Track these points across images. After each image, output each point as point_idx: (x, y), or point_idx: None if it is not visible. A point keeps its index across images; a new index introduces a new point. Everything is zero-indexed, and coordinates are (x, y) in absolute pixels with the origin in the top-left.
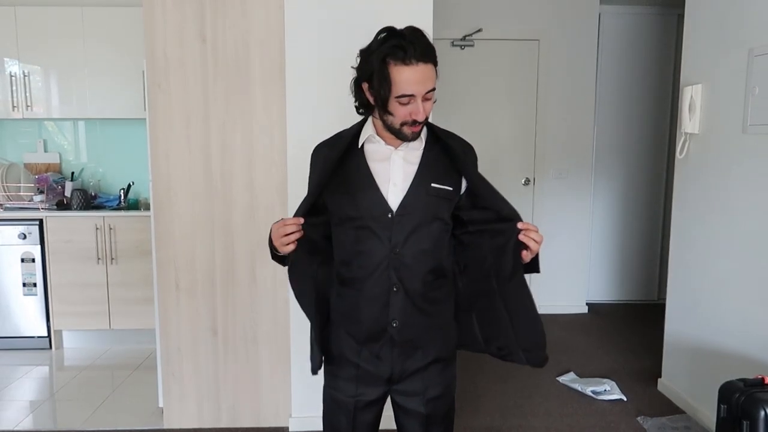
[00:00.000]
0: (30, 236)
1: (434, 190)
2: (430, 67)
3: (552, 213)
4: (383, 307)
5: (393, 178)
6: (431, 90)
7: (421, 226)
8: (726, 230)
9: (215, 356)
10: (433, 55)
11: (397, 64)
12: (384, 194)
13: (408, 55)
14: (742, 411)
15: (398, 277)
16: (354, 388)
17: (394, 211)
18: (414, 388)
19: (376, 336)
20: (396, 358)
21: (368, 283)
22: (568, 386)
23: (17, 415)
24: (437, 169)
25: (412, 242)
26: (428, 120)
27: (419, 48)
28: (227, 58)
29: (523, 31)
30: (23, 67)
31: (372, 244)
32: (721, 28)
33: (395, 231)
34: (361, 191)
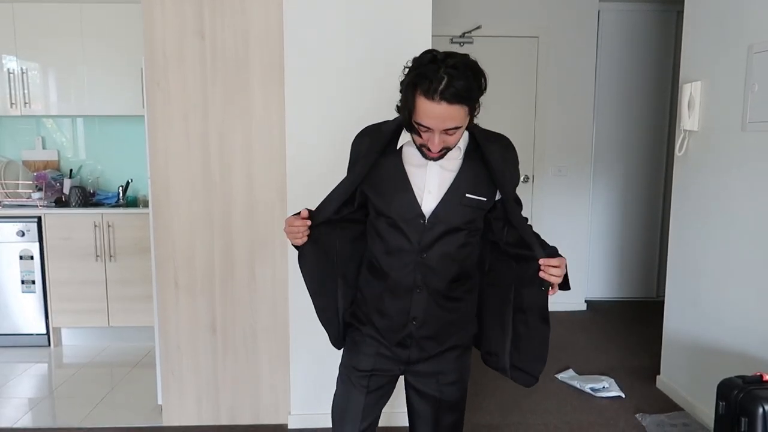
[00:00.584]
0: (28, 233)
1: (468, 200)
2: (457, 108)
3: (551, 210)
4: (406, 304)
5: (428, 185)
6: (454, 128)
7: (450, 233)
8: (725, 227)
9: (214, 354)
10: (466, 97)
11: (421, 93)
12: (419, 200)
13: (432, 90)
14: (741, 408)
15: (423, 278)
16: (372, 363)
17: (427, 217)
18: (429, 370)
19: (397, 328)
20: (414, 347)
21: (394, 278)
22: (567, 383)
23: (16, 412)
24: (474, 179)
25: (439, 247)
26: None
27: (451, 89)
28: (226, 56)
29: (522, 28)
30: (21, 64)
31: (401, 244)
32: (721, 24)
33: (425, 236)
34: (396, 193)
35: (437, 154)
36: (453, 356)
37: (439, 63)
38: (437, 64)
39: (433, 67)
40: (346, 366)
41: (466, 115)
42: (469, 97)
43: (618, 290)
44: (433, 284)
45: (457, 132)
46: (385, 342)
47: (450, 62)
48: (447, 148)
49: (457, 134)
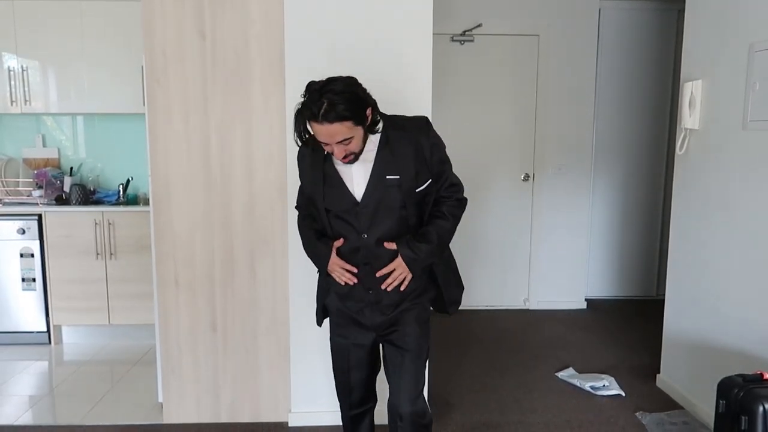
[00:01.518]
0: (29, 231)
1: (389, 180)
2: (338, 125)
3: (551, 209)
4: (361, 279)
5: (355, 177)
6: (344, 140)
7: (380, 212)
8: (725, 226)
9: (214, 352)
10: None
11: (308, 118)
12: (351, 191)
13: (314, 115)
14: (741, 406)
15: (368, 255)
16: (351, 333)
17: (359, 202)
18: (395, 336)
19: (358, 299)
20: (373, 312)
21: (347, 258)
22: (567, 382)
23: (16, 410)
24: (390, 162)
25: (375, 227)
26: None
27: (332, 112)
28: (226, 54)
29: (523, 26)
30: (22, 62)
31: (346, 230)
32: (722, 23)
33: (361, 219)
34: (332, 189)
35: (346, 160)
36: (410, 316)
37: (320, 91)
38: (319, 92)
39: (316, 95)
40: (332, 340)
41: (354, 126)
42: (349, 115)
43: (618, 289)
44: (376, 260)
45: (353, 141)
46: (351, 313)
47: (328, 88)
48: (353, 153)
49: (354, 142)
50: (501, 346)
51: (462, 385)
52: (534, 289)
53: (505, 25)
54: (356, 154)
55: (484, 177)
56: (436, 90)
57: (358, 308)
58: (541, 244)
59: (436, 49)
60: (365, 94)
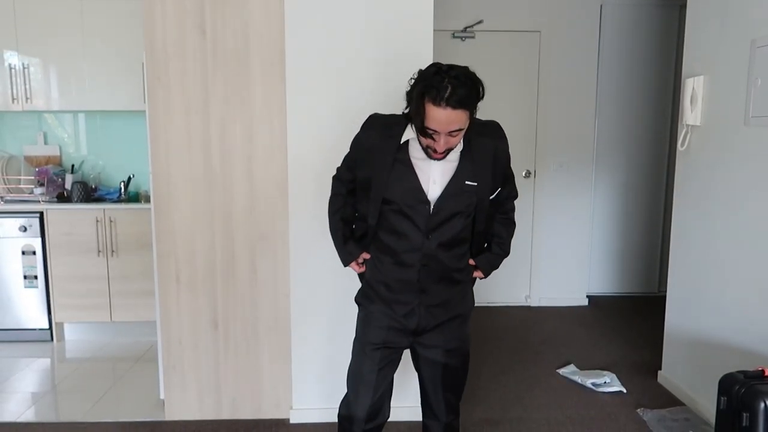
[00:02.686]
0: (30, 229)
1: (468, 186)
2: (460, 113)
3: (553, 205)
4: (415, 280)
5: (433, 176)
6: (457, 130)
7: (452, 217)
8: (727, 222)
9: (216, 348)
10: (469, 103)
11: (429, 101)
12: (425, 189)
13: (440, 98)
14: (742, 403)
15: (428, 257)
16: (383, 336)
17: (432, 204)
18: (435, 341)
19: (407, 301)
20: (423, 314)
21: (402, 257)
22: (569, 378)
23: (19, 407)
24: (470, 168)
25: (443, 230)
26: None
27: (455, 95)
28: (227, 50)
29: (524, 22)
30: (23, 59)
31: (408, 228)
32: (723, 19)
33: (431, 221)
34: (402, 182)
35: (441, 155)
36: (455, 325)
37: (443, 74)
38: (441, 75)
39: (438, 78)
40: (359, 340)
41: (467, 118)
42: (469, 103)
43: (619, 285)
44: (436, 262)
45: (460, 134)
46: (395, 315)
47: (452, 73)
48: (450, 149)
49: (459, 136)
50: (502, 342)
51: None
52: (535, 285)
53: (506, 21)
54: (450, 150)
55: None
56: None
57: (406, 311)
58: (543, 240)
59: (437, 45)
60: (482, 87)
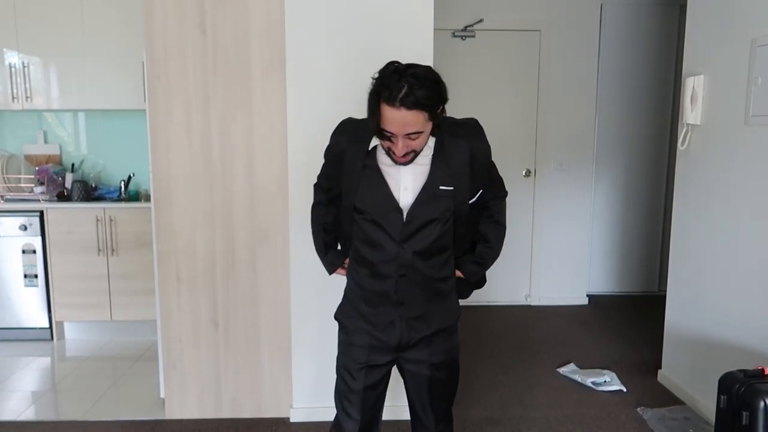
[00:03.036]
0: (31, 228)
1: (442, 191)
2: (417, 114)
3: (553, 204)
4: (392, 292)
5: (404, 182)
6: (414, 133)
7: (427, 225)
8: (727, 221)
9: (216, 347)
10: (427, 104)
11: (383, 101)
12: (396, 197)
13: (393, 98)
14: (742, 402)
15: (405, 267)
16: (366, 355)
17: (405, 212)
18: (419, 356)
19: (385, 314)
20: (404, 329)
21: (378, 267)
22: (569, 377)
23: (19, 405)
24: (445, 172)
25: (419, 238)
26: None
27: (411, 96)
28: (227, 49)
29: (524, 21)
30: (23, 58)
31: (382, 238)
32: (724, 18)
33: (405, 229)
34: (372, 190)
35: (403, 159)
36: (440, 339)
37: (400, 73)
38: (398, 74)
39: (395, 77)
40: (342, 360)
41: (427, 120)
42: (427, 105)
43: (619, 284)
44: (414, 272)
45: (420, 137)
46: (374, 331)
47: (410, 71)
48: (413, 152)
49: (420, 139)
50: (502, 341)
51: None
52: (535, 284)
53: (506, 20)
54: (416, 154)
55: None
56: None
57: (385, 325)
58: (543, 239)
59: (437, 44)
60: (444, 88)
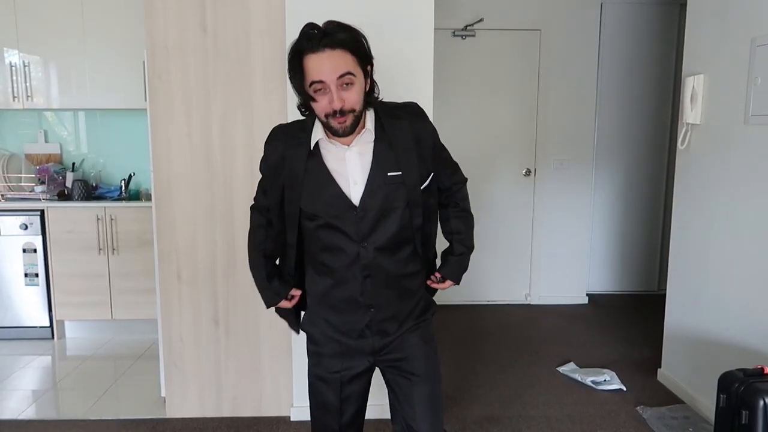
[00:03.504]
0: (31, 227)
1: (390, 178)
2: (340, 53)
3: (553, 204)
4: (358, 295)
5: (353, 176)
6: (346, 74)
7: (384, 216)
8: (727, 221)
9: (217, 346)
10: (348, 42)
11: (306, 54)
12: (347, 193)
13: (314, 44)
14: (741, 401)
15: (369, 267)
16: (339, 363)
17: (358, 207)
18: (397, 356)
19: (356, 320)
20: (375, 331)
21: (341, 273)
22: (568, 376)
23: (20, 404)
24: (390, 156)
25: (378, 233)
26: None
27: (331, 36)
28: (228, 48)
29: (524, 21)
30: (23, 58)
31: (340, 240)
32: (723, 17)
33: (361, 226)
34: (322, 191)
35: (342, 120)
36: (414, 339)
37: (311, 27)
38: (313, 26)
39: (311, 30)
40: (314, 374)
41: (356, 65)
42: (352, 46)
43: (619, 283)
44: (378, 270)
45: (354, 86)
46: (345, 339)
47: (326, 23)
48: (352, 112)
49: (354, 89)
50: (502, 340)
51: (463, 379)
52: (535, 283)
53: (506, 19)
54: (354, 118)
55: (485, 172)
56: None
57: (357, 331)
58: (543, 238)
59: (437, 43)
60: (368, 44)
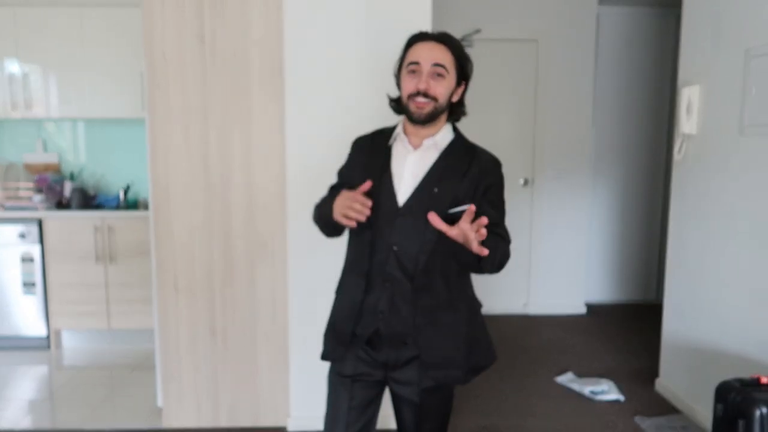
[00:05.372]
0: (29, 236)
1: (436, 195)
2: (442, 47)
3: (551, 213)
4: (375, 299)
5: (405, 177)
6: (439, 65)
7: (419, 226)
8: (723, 231)
9: (214, 356)
10: (454, 46)
11: (415, 43)
12: (395, 191)
13: (425, 37)
14: (739, 410)
15: (392, 271)
16: (354, 368)
17: (400, 207)
18: (408, 378)
19: (366, 324)
20: (387, 347)
21: (371, 271)
22: (567, 386)
23: (16, 414)
24: (447, 176)
25: (410, 242)
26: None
27: (439, 34)
28: (225, 59)
29: (521, 31)
30: (22, 67)
31: (375, 239)
32: (719, 28)
33: (396, 228)
34: (378, 186)
35: (423, 104)
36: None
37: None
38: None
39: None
40: (332, 372)
41: (453, 66)
42: (456, 51)
43: (617, 293)
44: (401, 277)
45: (444, 80)
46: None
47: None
48: (434, 98)
49: (443, 82)
50: (500, 350)
51: (461, 389)
52: (534, 293)
53: (503, 30)
54: (434, 108)
55: None
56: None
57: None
58: (541, 248)
59: None
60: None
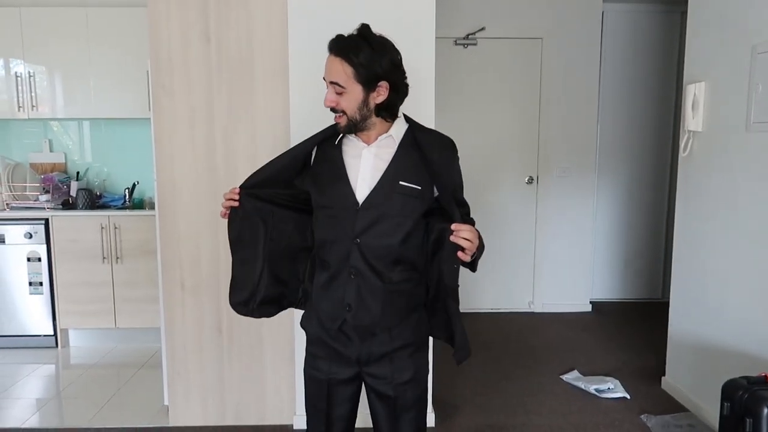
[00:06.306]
0: (36, 235)
1: (402, 188)
2: (338, 61)
3: (555, 211)
4: (342, 292)
5: (362, 173)
6: (334, 83)
7: (383, 219)
8: (730, 228)
9: (220, 355)
10: (347, 51)
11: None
12: (353, 187)
13: (330, 47)
14: (745, 408)
15: (357, 265)
16: (328, 367)
17: (360, 203)
18: (382, 372)
19: (334, 316)
20: (357, 341)
21: (334, 266)
22: (572, 384)
23: (24, 413)
24: (409, 168)
25: (373, 234)
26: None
27: (339, 43)
28: (231, 58)
29: (526, 29)
30: (28, 68)
31: (338, 232)
32: (724, 25)
33: (358, 222)
34: (333, 183)
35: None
36: (405, 355)
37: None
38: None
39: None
40: (307, 372)
41: (351, 78)
42: (354, 61)
43: (623, 291)
44: (366, 270)
45: (345, 95)
46: (330, 340)
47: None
48: (344, 113)
49: (345, 97)
50: (506, 348)
51: (466, 387)
52: (539, 291)
53: (508, 28)
54: (348, 120)
55: (488, 180)
56: (439, 93)
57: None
58: (546, 246)
59: (439, 52)
60: (393, 66)
